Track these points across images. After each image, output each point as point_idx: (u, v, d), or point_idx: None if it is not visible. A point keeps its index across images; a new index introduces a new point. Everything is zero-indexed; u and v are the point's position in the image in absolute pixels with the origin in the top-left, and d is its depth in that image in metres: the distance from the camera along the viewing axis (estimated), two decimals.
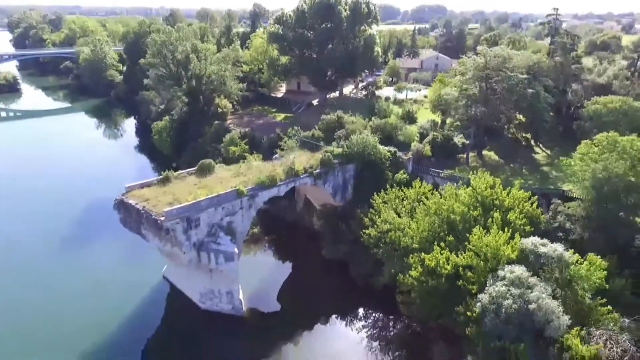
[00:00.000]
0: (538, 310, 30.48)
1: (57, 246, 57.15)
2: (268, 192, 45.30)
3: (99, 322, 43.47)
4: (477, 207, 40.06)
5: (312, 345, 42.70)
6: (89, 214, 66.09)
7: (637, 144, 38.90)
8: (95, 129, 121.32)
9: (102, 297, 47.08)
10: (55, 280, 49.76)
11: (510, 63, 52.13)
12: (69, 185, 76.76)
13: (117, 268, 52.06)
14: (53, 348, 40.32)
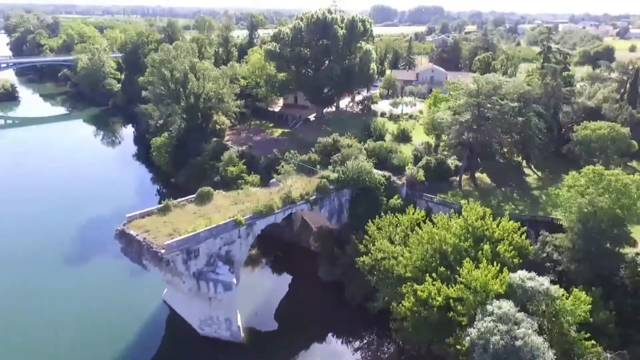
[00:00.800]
0: (524, 346, 31.87)
1: (55, 264, 58.13)
2: (265, 221, 46.58)
3: (98, 344, 44.65)
4: (468, 238, 41.45)
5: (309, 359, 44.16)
6: (89, 230, 67.16)
7: (621, 178, 40.31)
8: (94, 138, 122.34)
9: (101, 319, 48.18)
10: (52, 299, 50.75)
11: (501, 90, 53.53)
12: (68, 199, 77.75)
13: (116, 289, 53.16)
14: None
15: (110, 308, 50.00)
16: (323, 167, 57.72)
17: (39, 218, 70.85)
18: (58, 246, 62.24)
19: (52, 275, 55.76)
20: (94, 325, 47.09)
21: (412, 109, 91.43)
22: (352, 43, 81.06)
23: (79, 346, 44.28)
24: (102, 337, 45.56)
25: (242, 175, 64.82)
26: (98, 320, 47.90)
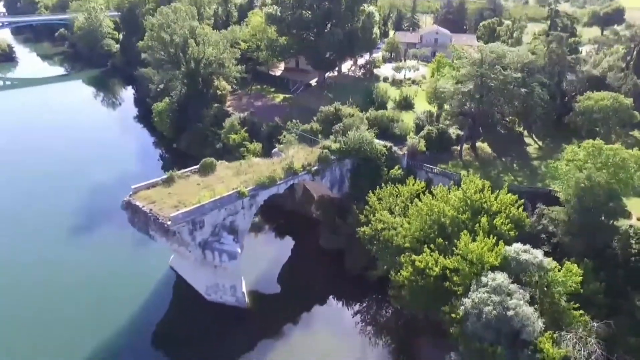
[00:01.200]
0: (515, 316, 33.47)
1: (60, 230, 59.43)
2: (268, 192, 47.53)
3: (108, 309, 46.62)
4: (466, 210, 42.42)
5: (311, 326, 46.40)
6: (94, 196, 68.31)
7: (620, 153, 40.76)
8: (94, 100, 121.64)
9: (109, 284, 50.01)
10: (59, 266, 52.42)
11: (505, 60, 53.00)
12: (71, 163, 78.63)
13: (122, 255, 54.85)
14: (62, 335, 43.38)
15: (117, 273, 51.77)
16: (325, 137, 58.02)
17: (42, 182, 71.90)
18: (63, 212, 63.51)
19: (58, 242, 57.33)
20: (102, 291, 48.94)
21: (415, 73, 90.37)
22: (355, 6, 79.15)
23: (87, 312, 46.20)
24: (111, 303, 47.48)
25: (244, 143, 65.24)
26: (105, 285, 49.74)
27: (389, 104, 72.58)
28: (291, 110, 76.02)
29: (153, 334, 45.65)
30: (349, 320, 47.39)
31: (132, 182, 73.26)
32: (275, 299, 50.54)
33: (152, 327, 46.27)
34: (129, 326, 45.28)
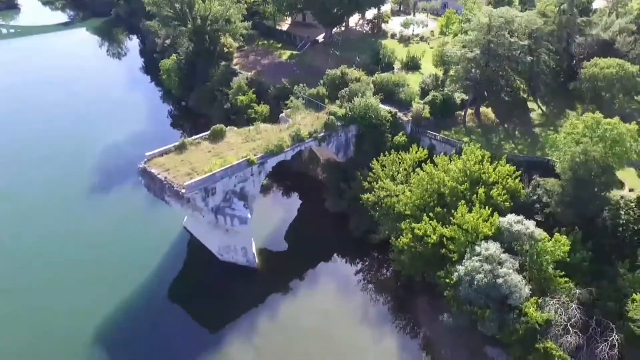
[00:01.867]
0: (504, 283, 36.50)
1: (75, 190, 61.84)
2: (276, 158, 49.61)
3: (126, 267, 50.18)
4: (465, 181, 44.49)
5: (316, 283, 50.24)
6: (107, 156, 70.51)
7: (618, 127, 41.96)
8: (100, 50, 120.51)
9: (126, 244, 53.39)
10: (79, 227, 55.59)
11: (513, 25, 52.73)
12: (80, 120, 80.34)
13: (137, 216, 58.01)
14: (82, 289, 47.15)
15: (133, 233, 55.03)
16: (331, 101, 59.06)
17: (53, 140, 73.99)
18: (76, 171, 65.76)
19: (75, 200, 60.08)
20: (119, 249, 52.26)
21: (423, 29, 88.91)
22: None
23: (106, 268, 49.70)
24: (128, 260, 50.93)
25: (252, 105, 66.35)
26: (122, 244, 53.02)
27: (395, 64, 72.50)
28: (298, 69, 76.21)
29: (169, 289, 49.56)
30: (352, 278, 50.97)
31: (143, 139, 76.15)
32: (283, 256, 54.11)
33: (168, 283, 50.14)
34: (146, 282, 49.04)
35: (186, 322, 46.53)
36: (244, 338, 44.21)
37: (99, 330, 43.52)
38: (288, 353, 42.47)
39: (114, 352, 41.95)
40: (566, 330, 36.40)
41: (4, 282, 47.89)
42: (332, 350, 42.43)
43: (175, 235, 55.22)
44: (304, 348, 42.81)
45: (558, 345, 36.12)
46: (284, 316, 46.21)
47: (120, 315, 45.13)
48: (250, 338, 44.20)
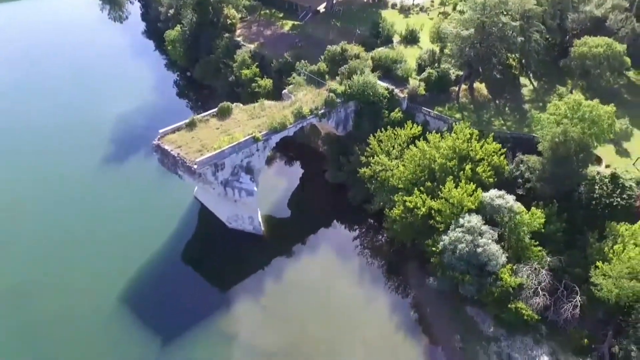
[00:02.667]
0: (483, 252, 41.10)
1: (88, 160, 65.88)
2: (280, 135, 53.27)
3: (140, 233, 55.00)
4: (454, 158, 48.32)
5: (317, 247, 55.21)
6: (119, 127, 73.92)
7: (597, 109, 45.31)
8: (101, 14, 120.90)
9: (140, 211, 58.04)
10: (95, 196, 60.08)
11: (507, 5, 54.83)
12: (90, 90, 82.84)
13: (151, 185, 62.24)
14: (101, 253, 52.22)
15: (147, 203, 59.52)
16: (331, 77, 61.89)
17: (63, 110, 77.02)
18: (90, 143, 69.20)
19: (89, 172, 64.05)
20: (134, 219, 56.88)
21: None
22: None
23: (122, 233, 54.61)
24: (142, 226, 55.81)
25: (256, 79, 69.14)
26: (137, 214, 57.69)
27: (395, 37, 74.46)
28: (300, 40, 78.15)
29: (182, 253, 54.68)
30: (349, 244, 55.86)
31: (152, 109, 79.44)
32: (287, 223, 58.92)
33: (182, 248, 55.23)
34: (160, 247, 53.94)
35: (198, 282, 51.88)
36: (251, 296, 49.54)
37: (121, 290, 48.84)
38: (291, 309, 47.85)
39: (135, 309, 47.33)
40: (536, 293, 41.37)
41: (32, 249, 52.88)
42: (330, 307, 47.81)
43: (186, 204, 59.74)
44: (305, 305, 48.16)
45: (528, 306, 41.19)
46: (287, 277, 51.41)
47: (139, 277, 50.36)
48: (257, 296, 49.50)
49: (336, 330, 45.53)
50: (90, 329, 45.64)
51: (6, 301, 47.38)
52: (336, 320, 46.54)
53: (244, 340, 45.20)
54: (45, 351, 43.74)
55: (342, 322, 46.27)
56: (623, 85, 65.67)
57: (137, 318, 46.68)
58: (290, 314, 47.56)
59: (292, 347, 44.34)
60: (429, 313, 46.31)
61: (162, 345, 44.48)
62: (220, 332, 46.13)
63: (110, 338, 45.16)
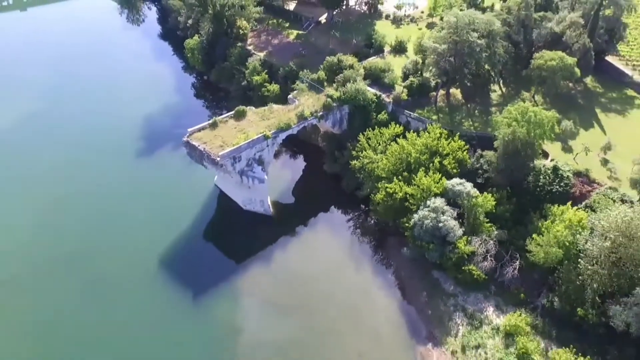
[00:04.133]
0: (444, 226, 52.66)
1: (119, 154, 77.72)
2: (285, 133, 65.03)
3: (168, 215, 66.54)
4: (426, 153, 59.85)
5: (319, 236, 66.71)
6: (148, 124, 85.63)
7: (540, 115, 56.53)
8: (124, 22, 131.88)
9: (168, 198, 69.62)
10: (126, 184, 71.83)
11: (475, 25, 65.88)
12: (120, 91, 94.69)
13: (177, 175, 73.87)
14: (132, 235, 63.91)
15: (174, 189, 71.17)
16: (329, 84, 73.33)
17: (94, 110, 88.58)
18: (121, 139, 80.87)
19: (122, 163, 76.09)
20: (162, 202, 68.55)
21: (414, 10, 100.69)
22: None
23: (151, 216, 66.33)
24: (170, 210, 67.40)
25: (265, 84, 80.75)
26: (165, 198, 69.26)
27: (386, 47, 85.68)
28: (304, 49, 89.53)
29: (204, 231, 66.56)
30: (343, 223, 67.58)
31: (174, 108, 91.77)
32: (291, 207, 70.66)
33: (203, 227, 67.09)
34: (185, 226, 65.57)
35: (217, 255, 63.67)
36: (262, 266, 61.31)
37: (155, 260, 60.45)
38: (294, 275, 59.68)
39: (167, 274, 59.05)
40: (485, 258, 53.01)
41: (84, 224, 65.04)
42: (327, 272, 59.61)
43: (207, 190, 71.67)
44: (306, 271, 60.01)
45: (478, 268, 52.85)
46: (292, 250, 63.23)
47: (169, 250, 62.11)
48: (267, 266, 61.28)
49: (330, 289, 57.37)
50: (132, 287, 57.39)
51: (68, 263, 59.47)
52: (330, 283, 58.31)
53: (257, 297, 57.03)
54: (100, 303, 55.49)
55: (335, 283, 58.13)
56: (580, 91, 76.90)
57: (169, 280, 58.43)
58: (294, 278, 59.37)
59: (295, 299, 56.19)
60: (403, 276, 58.10)
61: (188, 301, 56.16)
62: (236, 292, 57.85)
63: (147, 294, 56.86)
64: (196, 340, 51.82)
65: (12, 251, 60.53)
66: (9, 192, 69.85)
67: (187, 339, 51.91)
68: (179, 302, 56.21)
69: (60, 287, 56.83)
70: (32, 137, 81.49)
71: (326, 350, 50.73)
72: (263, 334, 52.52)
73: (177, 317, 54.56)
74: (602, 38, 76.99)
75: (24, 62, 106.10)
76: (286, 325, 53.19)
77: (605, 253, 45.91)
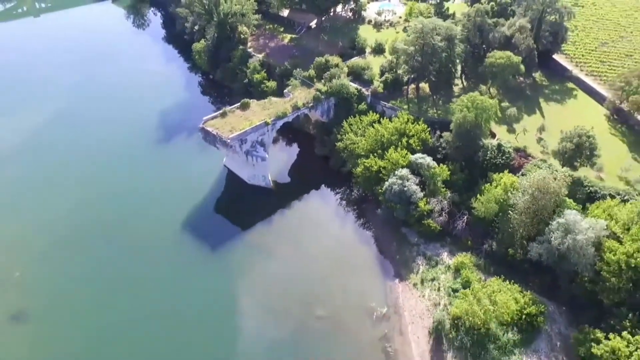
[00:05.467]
0: (408, 190, 67.19)
1: (143, 143, 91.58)
2: (282, 120, 79.44)
3: (183, 191, 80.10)
4: (396, 134, 74.41)
5: (311, 203, 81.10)
6: (161, 117, 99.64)
7: (486, 102, 71.15)
8: (134, 27, 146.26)
9: (184, 177, 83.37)
10: (147, 167, 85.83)
11: (438, 30, 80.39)
12: (131, 89, 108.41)
13: (191, 159, 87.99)
14: (153, 206, 77.45)
15: (188, 170, 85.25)
16: (318, 80, 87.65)
17: (113, 104, 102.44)
18: (139, 129, 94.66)
19: (142, 149, 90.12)
20: (179, 181, 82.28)
21: (393, 16, 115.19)
22: None
23: (170, 193, 79.82)
24: (185, 187, 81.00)
25: (264, 81, 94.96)
26: (181, 178, 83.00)
27: (367, 48, 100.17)
28: (297, 51, 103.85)
29: (215, 203, 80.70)
30: (331, 195, 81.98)
31: (184, 103, 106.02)
32: (288, 182, 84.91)
33: (214, 200, 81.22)
34: (198, 200, 79.32)
35: (226, 223, 77.67)
36: (264, 230, 75.17)
37: (173, 225, 73.84)
38: (291, 234, 73.89)
39: (184, 236, 72.81)
40: (440, 214, 67.61)
41: (113, 193, 78.97)
42: (318, 232, 74.00)
43: (218, 170, 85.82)
44: (300, 232, 74.32)
45: (435, 222, 67.45)
46: (289, 217, 77.40)
47: (186, 218, 75.69)
48: (269, 230, 75.18)
49: (320, 243, 71.74)
50: (159, 244, 70.60)
51: (107, 225, 73.23)
52: (321, 240, 72.65)
53: (261, 249, 71.00)
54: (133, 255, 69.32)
55: (324, 239, 72.50)
56: (529, 84, 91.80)
57: (188, 239, 72.24)
58: (290, 236, 73.50)
59: (291, 252, 70.31)
60: (378, 232, 72.69)
61: (201, 259, 69.74)
62: (243, 246, 71.90)
63: (170, 248, 70.36)
64: (213, 281, 66.03)
65: (62, 218, 74.35)
66: (57, 173, 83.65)
67: (205, 280, 66.08)
68: (198, 252, 70.37)
69: (102, 245, 70.63)
70: (67, 129, 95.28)
71: (317, 285, 65.12)
72: (264, 274, 66.80)
73: (197, 264, 68.69)
74: (548, 40, 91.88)
75: (46, 63, 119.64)
76: (284, 269, 67.51)
77: (527, 205, 60.58)
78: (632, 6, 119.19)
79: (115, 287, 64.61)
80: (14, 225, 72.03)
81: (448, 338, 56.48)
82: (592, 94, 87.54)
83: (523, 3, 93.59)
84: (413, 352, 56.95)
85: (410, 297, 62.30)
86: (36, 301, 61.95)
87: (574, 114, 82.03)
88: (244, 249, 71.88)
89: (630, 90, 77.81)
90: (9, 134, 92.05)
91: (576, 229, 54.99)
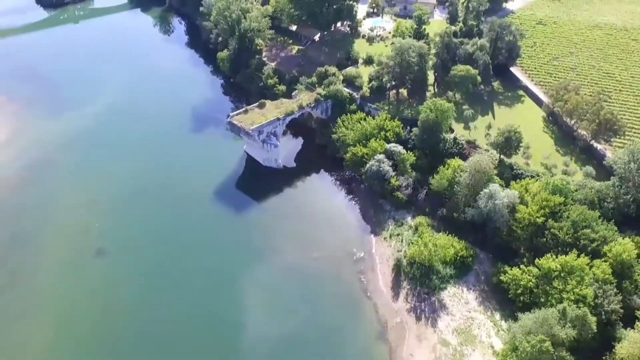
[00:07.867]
0: (382, 170, 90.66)
1: (176, 133, 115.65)
2: (290, 117, 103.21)
3: (210, 173, 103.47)
4: (377, 128, 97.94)
5: (312, 180, 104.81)
6: (191, 112, 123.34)
7: (444, 106, 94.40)
8: (166, 37, 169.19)
9: (211, 161, 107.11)
10: (180, 153, 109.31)
11: (412, 48, 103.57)
12: (165, 89, 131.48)
13: (217, 147, 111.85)
14: (184, 184, 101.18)
15: (215, 156, 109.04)
16: (319, 86, 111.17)
17: (151, 101, 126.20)
18: (173, 121, 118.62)
19: (176, 139, 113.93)
20: (208, 164, 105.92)
21: (383, 32, 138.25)
22: None
23: (199, 174, 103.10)
24: (213, 169, 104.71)
25: (276, 85, 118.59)
26: (209, 161, 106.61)
27: (360, 59, 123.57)
28: (303, 61, 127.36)
29: (236, 182, 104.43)
30: (328, 176, 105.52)
31: (210, 101, 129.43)
32: (294, 168, 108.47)
33: (235, 179, 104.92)
34: (224, 178, 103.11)
35: (244, 197, 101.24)
36: (275, 200, 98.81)
37: (204, 195, 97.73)
38: (297, 204, 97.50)
39: (213, 204, 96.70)
40: (406, 188, 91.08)
41: (150, 174, 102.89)
42: (317, 201, 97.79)
43: (239, 155, 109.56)
44: (304, 200, 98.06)
45: (402, 194, 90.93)
46: (295, 191, 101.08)
47: (214, 191, 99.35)
48: (279, 200, 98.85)
49: (317, 208, 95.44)
50: (195, 207, 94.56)
51: (156, 189, 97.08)
52: (319, 207, 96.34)
53: (273, 215, 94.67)
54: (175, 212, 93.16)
55: (320, 206, 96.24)
56: (487, 92, 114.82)
57: (215, 205, 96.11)
58: (296, 206, 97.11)
59: (295, 213, 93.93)
60: (361, 202, 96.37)
61: (226, 217, 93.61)
62: (258, 213, 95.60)
63: (203, 210, 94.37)
64: (235, 234, 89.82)
65: (125, 185, 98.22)
66: (119, 151, 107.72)
67: (229, 233, 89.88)
68: (224, 213, 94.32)
69: (154, 205, 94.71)
70: (123, 117, 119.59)
71: (314, 236, 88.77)
72: (275, 230, 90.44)
73: (223, 221, 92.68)
74: (504, 55, 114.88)
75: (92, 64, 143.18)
76: (291, 227, 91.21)
77: (467, 181, 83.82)
78: (587, 25, 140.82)
79: (165, 234, 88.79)
80: (90, 189, 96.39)
81: (405, 272, 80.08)
82: (536, 100, 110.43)
83: (487, 25, 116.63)
84: (380, 283, 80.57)
85: (381, 246, 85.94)
86: (112, 242, 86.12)
87: (518, 115, 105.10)
88: (259, 213, 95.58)
89: (558, 98, 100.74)
90: (76, 122, 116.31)
91: (496, 197, 78.25)
